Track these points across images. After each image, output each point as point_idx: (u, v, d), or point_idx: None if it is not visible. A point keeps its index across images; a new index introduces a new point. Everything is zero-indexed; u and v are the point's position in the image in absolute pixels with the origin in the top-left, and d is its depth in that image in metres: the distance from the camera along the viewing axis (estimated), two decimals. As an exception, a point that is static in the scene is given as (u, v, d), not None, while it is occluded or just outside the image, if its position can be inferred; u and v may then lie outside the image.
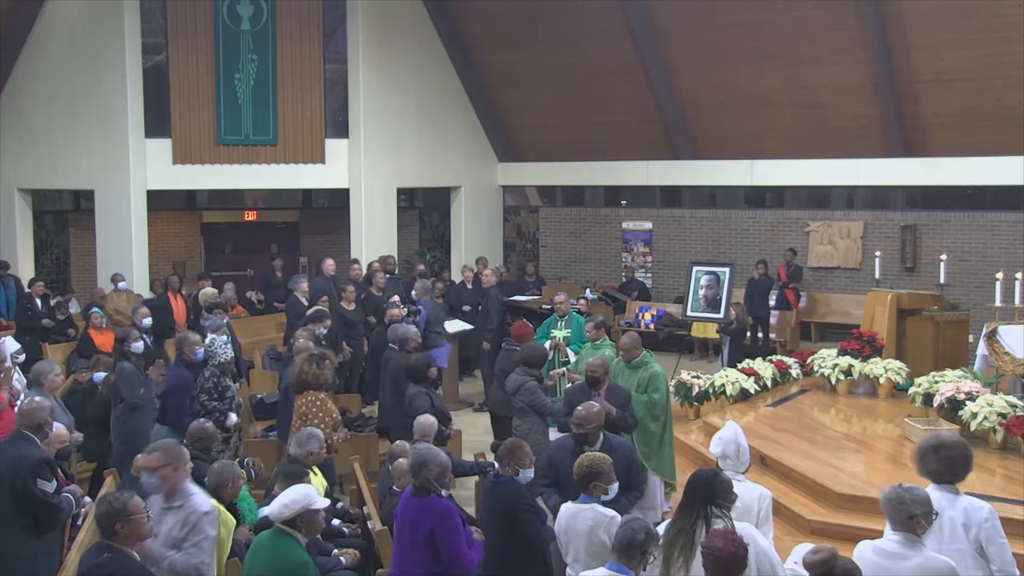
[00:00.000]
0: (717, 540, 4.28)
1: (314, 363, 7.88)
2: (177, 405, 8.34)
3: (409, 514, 5.51)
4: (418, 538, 5.40)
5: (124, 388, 8.46)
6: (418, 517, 5.43)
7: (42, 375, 7.96)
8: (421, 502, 5.47)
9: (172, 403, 8.38)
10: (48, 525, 6.06)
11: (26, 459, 6.01)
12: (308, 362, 7.90)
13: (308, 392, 7.83)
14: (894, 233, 15.57)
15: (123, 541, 4.79)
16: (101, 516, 4.83)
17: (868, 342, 11.26)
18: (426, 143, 17.41)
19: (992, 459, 8.42)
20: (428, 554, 5.37)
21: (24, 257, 16.53)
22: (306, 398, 7.82)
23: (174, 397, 8.39)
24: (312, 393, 7.82)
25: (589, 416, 6.30)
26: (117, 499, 4.86)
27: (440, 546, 5.35)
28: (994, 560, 4.93)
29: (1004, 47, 13.17)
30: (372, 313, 12.64)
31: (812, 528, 7.44)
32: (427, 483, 5.48)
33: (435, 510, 5.42)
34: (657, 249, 17.91)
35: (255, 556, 5.25)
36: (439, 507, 5.44)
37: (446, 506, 5.50)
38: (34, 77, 16.00)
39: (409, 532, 5.47)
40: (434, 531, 5.36)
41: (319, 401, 7.80)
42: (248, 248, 19.01)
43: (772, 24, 14.55)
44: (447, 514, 5.43)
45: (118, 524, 4.76)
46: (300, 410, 7.81)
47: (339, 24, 16.37)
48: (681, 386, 10.54)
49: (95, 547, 4.87)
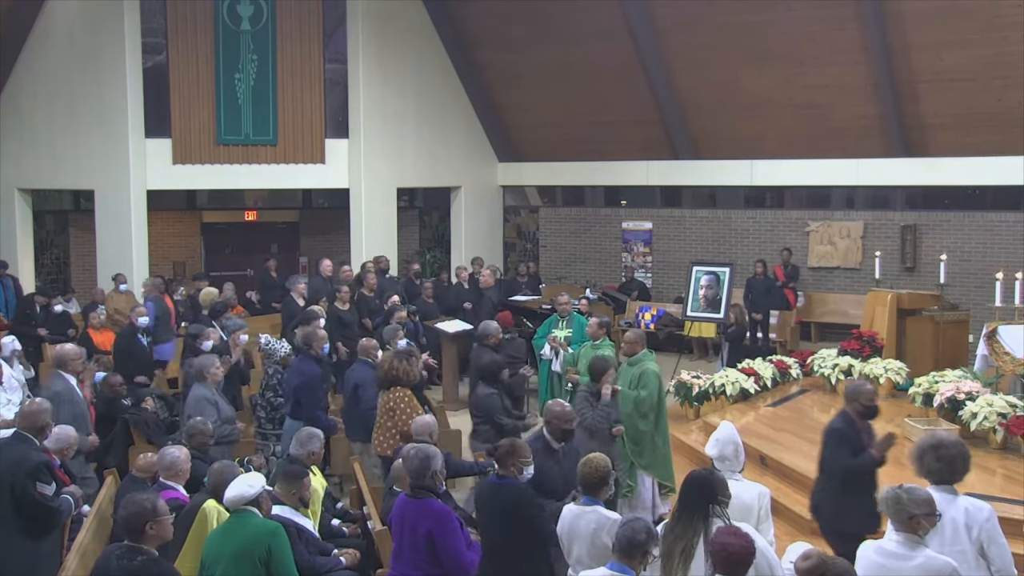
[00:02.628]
0: (725, 536, 4.31)
1: (403, 360, 7.93)
2: (310, 399, 8.47)
3: (407, 517, 5.49)
4: (417, 540, 5.38)
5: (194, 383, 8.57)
6: (416, 519, 5.42)
7: (204, 369, 8.12)
8: (418, 504, 5.46)
9: (305, 398, 8.48)
10: (47, 528, 6.06)
11: (25, 462, 6.01)
12: (397, 358, 7.94)
13: (395, 388, 7.86)
14: (894, 233, 15.57)
15: (150, 542, 4.77)
16: (131, 517, 4.75)
17: (868, 342, 11.26)
18: (426, 143, 17.41)
19: (992, 459, 8.42)
20: (427, 556, 5.36)
21: (24, 257, 16.53)
22: (393, 394, 7.86)
23: (307, 392, 8.49)
24: (399, 389, 7.86)
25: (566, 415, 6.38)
26: (146, 499, 4.83)
27: (440, 548, 5.34)
28: (994, 561, 4.93)
29: (1004, 47, 13.17)
30: (367, 315, 12.63)
31: (812, 528, 7.43)
32: (431, 481, 5.46)
33: (433, 512, 5.41)
34: (657, 249, 17.91)
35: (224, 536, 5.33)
36: (437, 509, 5.43)
37: (443, 508, 5.49)
38: (34, 77, 16.00)
39: (407, 535, 5.46)
40: (432, 533, 5.34)
41: (406, 397, 7.85)
42: (248, 248, 19.01)
43: (772, 24, 14.54)
44: (445, 516, 5.43)
45: (148, 525, 4.74)
46: (386, 406, 7.85)
47: (339, 24, 16.37)
48: (681, 386, 10.55)
49: (120, 550, 4.77)
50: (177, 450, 6.44)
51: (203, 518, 5.70)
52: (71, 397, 7.93)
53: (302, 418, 8.24)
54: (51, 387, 7.97)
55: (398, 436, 7.71)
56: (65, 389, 7.91)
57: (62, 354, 8.15)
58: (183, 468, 6.33)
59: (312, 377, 8.57)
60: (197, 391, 8.05)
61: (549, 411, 6.60)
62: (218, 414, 7.90)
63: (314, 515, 6.64)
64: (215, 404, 7.99)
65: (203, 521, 5.69)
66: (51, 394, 7.78)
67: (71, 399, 7.91)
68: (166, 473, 6.29)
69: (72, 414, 7.77)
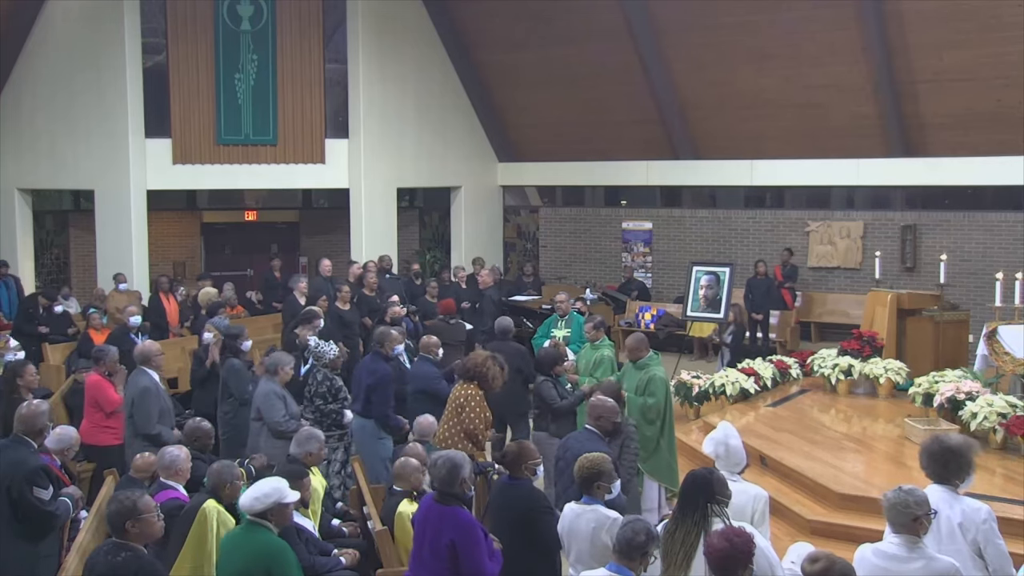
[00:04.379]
0: (719, 538, 4.30)
1: (497, 364, 7.99)
2: (381, 398, 8.56)
3: (431, 521, 5.40)
4: (439, 548, 5.28)
5: (234, 384, 8.75)
6: (440, 527, 5.32)
7: (279, 366, 8.20)
8: (445, 511, 5.35)
9: (377, 397, 8.56)
10: (43, 532, 6.05)
11: (22, 465, 5.99)
12: (492, 360, 7.99)
13: (471, 384, 7.88)
14: (894, 233, 15.57)
15: (135, 540, 4.81)
16: (112, 515, 4.85)
17: (868, 342, 11.25)
18: (426, 143, 17.41)
19: (992, 459, 8.41)
20: (448, 565, 5.27)
21: (24, 257, 16.52)
22: (466, 389, 7.87)
23: (379, 391, 8.57)
24: (474, 387, 7.88)
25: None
26: (127, 498, 4.88)
27: (462, 560, 5.25)
28: (991, 561, 4.94)
29: (1004, 47, 13.17)
30: (368, 314, 12.64)
31: (812, 528, 7.44)
32: (460, 489, 5.40)
33: (458, 522, 5.31)
34: (657, 249, 17.91)
35: (232, 548, 5.27)
36: (462, 520, 5.32)
37: (469, 519, 5.38)
38: (34, 77, 15.99)
39: (430, 540, 5.37)
40: (455, 543, 5.26)
41: (478, 396, 7.87)
42: (248, 248, 19.00)
43: (772, 24, 14.54)
44: (470, 528, 5.32)
45: (129, 523, 4.79)
46: (458, 400, 7.85)
47: (339, 24, 16.37)
48: (681, 386, 10.54)
49: (107, 547, 4.85)
50: (177, 449, 6.45)
51: (203, 518, 5.68)
52: (157, 392, 8.12)
53: (372, 417, 8.30)
54: (137, 383, 8.12)
55: (462, 433, 7.77)
56: (152, 384, 8.11)
57: (145, 350, 8.33)
58: (183, 468, 6.32)
59: (384, 376, 8.65)
60: (266, 386, 8.16)
61: (597, 408, 6.57)
62: (286, 409, 8.04)
63: (314, 515, 6.64)
64: (283, 399, 8.10)
65: (203, 521, 5.67)
66: (139, 390, 8.03)
67: (157, 393, 8.11)
68: (165, 473, 6.29)
69: (159, 408, 8.02)
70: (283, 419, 7.89)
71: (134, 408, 8.07)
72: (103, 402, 8.55)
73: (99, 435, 8.48)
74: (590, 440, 6.33)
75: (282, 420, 7.89)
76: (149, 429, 7.98)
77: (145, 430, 7.99)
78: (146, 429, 7.99)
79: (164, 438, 7.87)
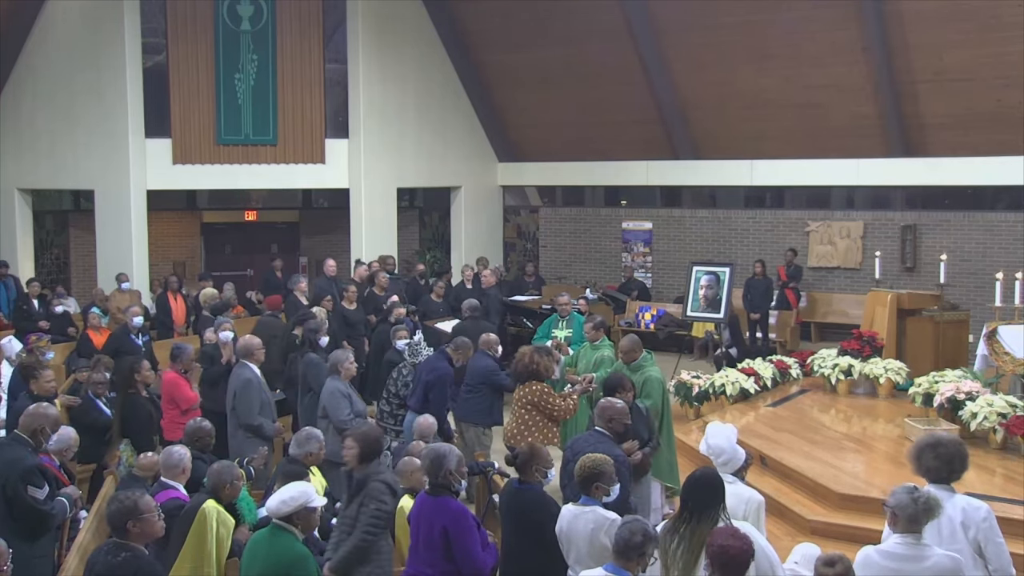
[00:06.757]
0: (721, 538, 4.31)
1: (544, 354, 8.04)
2: (439, 397, 8.64)
3: (424, 514, 5.50)
4: (432, 538, 5.39)
5: (312, 378, 8.80)
6: (432, 517, 5.42)
7: (339, 363, 8.26)
8: (436, 502, 5.46)
9: (435, 395, 8.63)
10: (39, 531, 6.05)
11: (17, 464, 6.00)
12: (538, 352, 8.04)
13: (533, 382, 7.93)
14: (894, 233, 15.57)
15: (135, 539, 4.82)
16: (113, 515, 4.85)
17: (868, 342, 11.25)
18: (426, 143, 17.41)
19: (992, 459, 8.42)
20: (442, 554, 5.36)
21: (24, 257, 16.53)
22: (530, 387, 7.91)
23: (437, 389, 8.65)
24: (537, 383, 7.93)
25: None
26: (128, 498, 4.88)
27: (454, 546, 5.34)
28: (991, 560, 4.94)
29: (1004, 47, 13.17)
30: (373, 312, 12.67)
31: (812, 528, 7.44)
32: (446, 478, 5.46)
33: (449, 510, 5.41)
34: (657, 249, 17.91)
35: (254, 553, 5.25)
36: (453, 508, 5.43)
37: (459, 507, 5.48)
38: (34, 77, 16.00)
39: (424, 532, 5.47)
40: (447, 530, 5.34)
41: (546, 388, 7.94)
42: (248, 248, 19.01)
43: (772, 24, 14.54)
44: (460, 515, 5.42)
45: (130, 523, 4.79)
46: (526, 400, 7.89)
47: (339, 24, 16.37)
48: (681, 386, 10.54)
49: (107, 546, 4.86)
50: (181, 449, 6.45)
51: (203, 518, 5.68)
52: (259, 384, 8.18)
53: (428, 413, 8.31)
54: (239, 376, 8.20)
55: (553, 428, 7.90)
56: (254, 377, 8.19)
57: (247, 345, 8.40)
58: (186, 467, 6.33)
59: (445, 375, 8.74)
60: (331, 384, 8.19)
61: (607, 410, 6.47)
62: (351, 407, 8.09)
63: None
64: (348, 397, 8.15)
65: (202, 521, 5.67)
66: (241, 382, 8.10)
67: (259, 386, 8.17)
68: (169, 472, 6.29)
69: (260, 400, 8.09)
70: (348, 417, 7.93)
71: (236, 400, 8.13)
72: (179, 399, 8.64)
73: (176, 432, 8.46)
74: (601, 443, 6.25)
75: (347, 419, 7.92)
76: (251, 420, 8.04)
77: (248, 421, 8.05)
78: (248, 420, 8.04)
79: (265, 429, 8.03)
